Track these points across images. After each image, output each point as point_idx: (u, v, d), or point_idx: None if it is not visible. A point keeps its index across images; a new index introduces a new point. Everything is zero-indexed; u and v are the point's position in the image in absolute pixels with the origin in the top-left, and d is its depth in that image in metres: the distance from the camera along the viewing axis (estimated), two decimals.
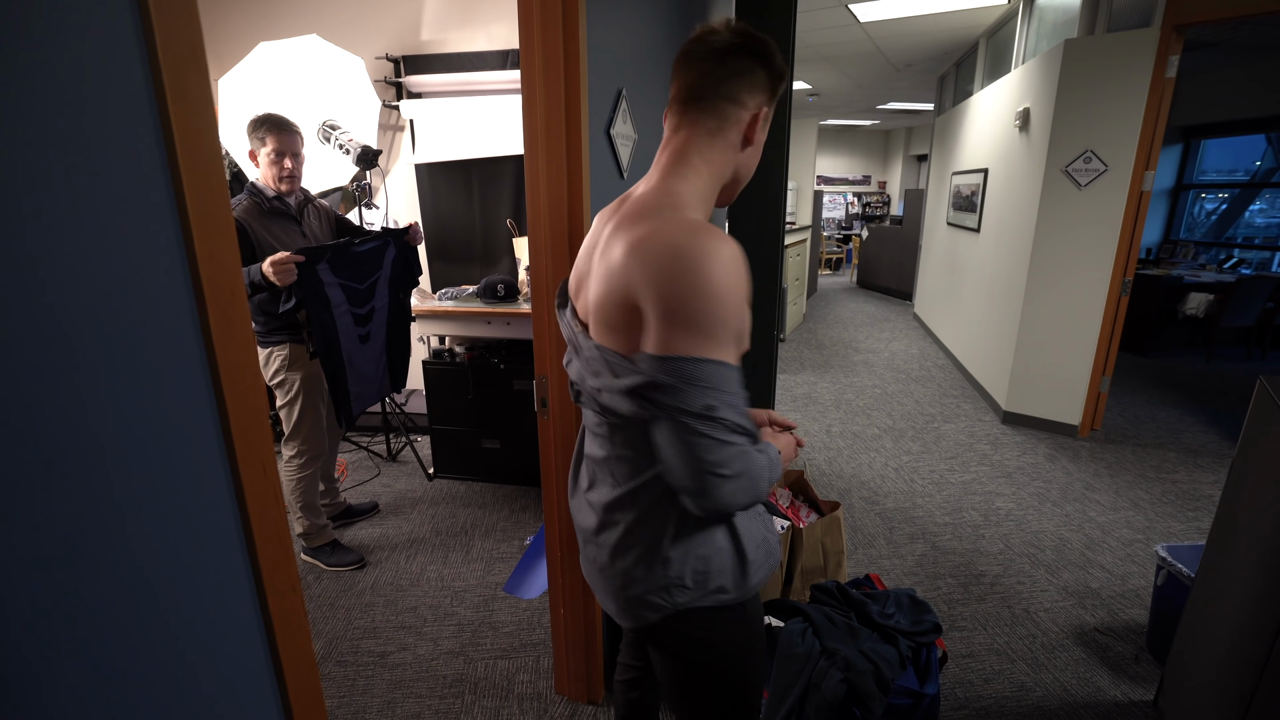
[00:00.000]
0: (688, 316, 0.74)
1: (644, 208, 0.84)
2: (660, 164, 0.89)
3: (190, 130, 0.56)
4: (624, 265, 0.78)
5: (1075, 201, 3.46)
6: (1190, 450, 3.58)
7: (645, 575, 0.91)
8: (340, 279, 2.18)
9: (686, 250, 0.74)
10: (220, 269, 0.59)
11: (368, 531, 2.72)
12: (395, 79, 3.29)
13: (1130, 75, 3.21)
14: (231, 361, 0.60)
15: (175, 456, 0.57)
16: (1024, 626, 2.16)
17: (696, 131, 0.87)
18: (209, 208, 0.58)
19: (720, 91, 0.85)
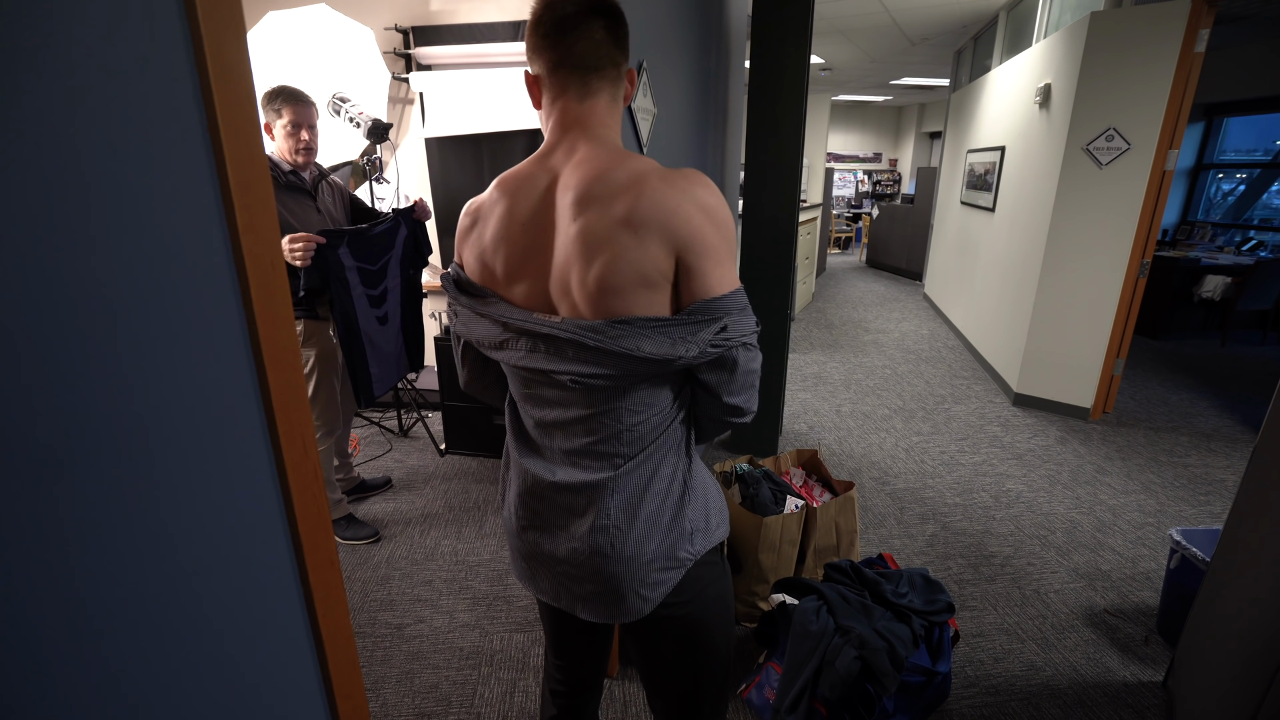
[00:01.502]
0: (726, 250, 0.81)
1: (615, 171, 0.81)
2: (575, 133, 0.87)
3: (231, 101, 0.54)
4: (649, 229, 0.78)
5: (1095, 180, 3.40)
6: (1203, 434, 3.57)
7: (673, 537, 0.91)
8: (357, 261, 2.18)
9: (700, 194, 0.80)
10: (260, 240, 0.58)
11: (381, 506, 2.74)
12: (404, 50, 3.24)
13: (1157, 49, 3.13)
14: (273, 337, 0.59)
15: (219, 432, 0.57)
16: (1034, 607, 2.18)
17: (592, 98, 0.87)
18: (249, 178, 0.57)
19: (592, 57, 0.85)
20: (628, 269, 0.78)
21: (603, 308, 0.81)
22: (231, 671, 0.59)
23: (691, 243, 0.79)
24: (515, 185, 0.88)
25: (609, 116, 0.89)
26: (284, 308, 0.61)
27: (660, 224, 0.77)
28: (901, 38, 6.36)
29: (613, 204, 0.78)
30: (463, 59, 3.20)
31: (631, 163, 0.82)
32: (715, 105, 2.64)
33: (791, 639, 1.69)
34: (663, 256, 0.79)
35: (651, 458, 0.90)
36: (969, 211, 5.39)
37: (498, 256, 0.88)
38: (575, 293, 0.82)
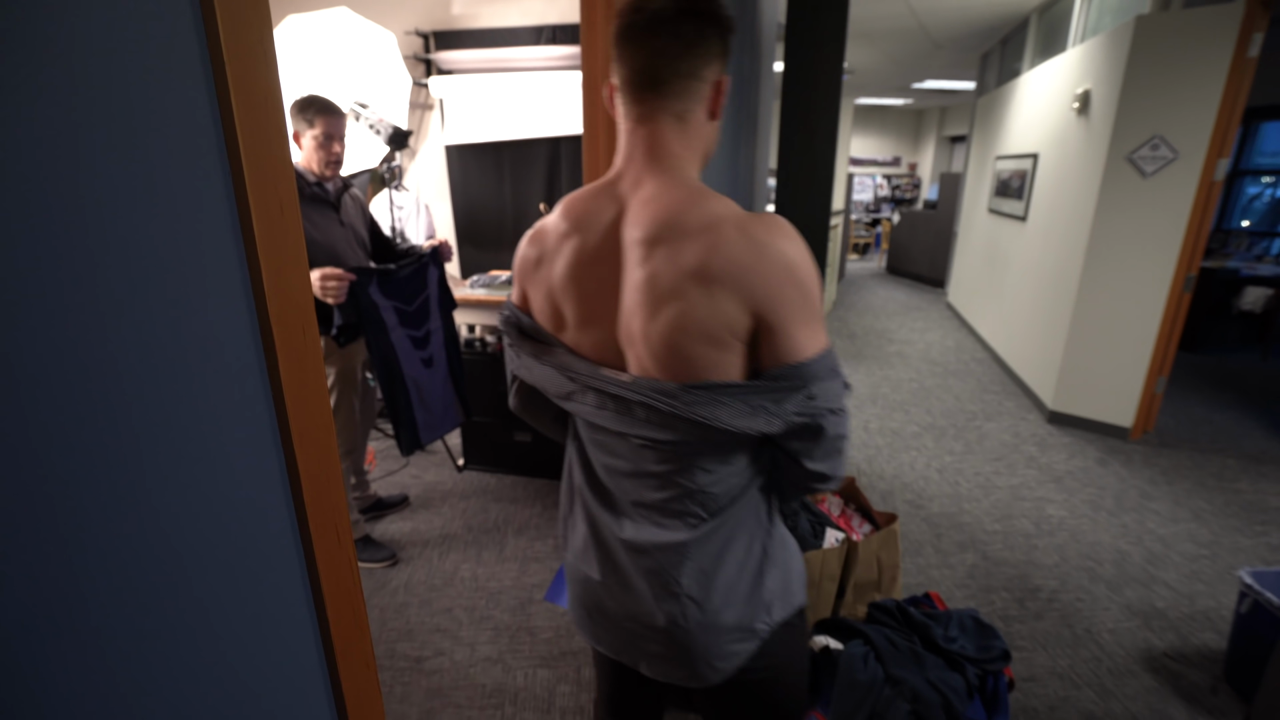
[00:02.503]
0: (812, 308, 0.73)
1: (688, 213, 0.72)
2: (642, 160, 0.78)
3: (255, 115, 0.45)
4: (722, 283, 0.69)
5: (1139, 191, 3.26)
6: (1251, 457, 3.41)
7: (751, 609, 0.83)
8: (391, 300, 2.09)
9: (782, 246, 0.71)
10: (287, 282, 0.48)
11: (399, 526, 2.66)
12: (425, 55, 3.16)
13: (1208, 54, 2.99)
14: (292, 350, 0.49)
15: (229, 455, 0.47)
16: (1087, 648, 2.05)
17: (664, 119, 0.77)
18: (273, 205, 0.47)
19: (679, 69, 0.75)
20: (695, 326, 0.70)
21: (669, 364, 0.73)
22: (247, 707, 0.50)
23: (772, 302, 0.70)
24: (582, 215, 0.79)
25: (680, 139, 0.77)
26: (316, 368, 0.51)
27: (735, 279, 0.69)
28: (926, 40, 6.22)
29: (683, 251, 0.70)
30: (484, 64, 3.12)
31: (706, 204, 0.73)
32: (746, 110, 2.54)
33: (838, 688, 1.58)
34: (737, 315, 0.70)
35: (729, 522, 0.81)
36: (998, 219, 5.24)
37: (568, 298, 0.80)
38: (640, 344, 0.75)
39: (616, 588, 0.86)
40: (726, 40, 0.77)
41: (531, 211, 3.31)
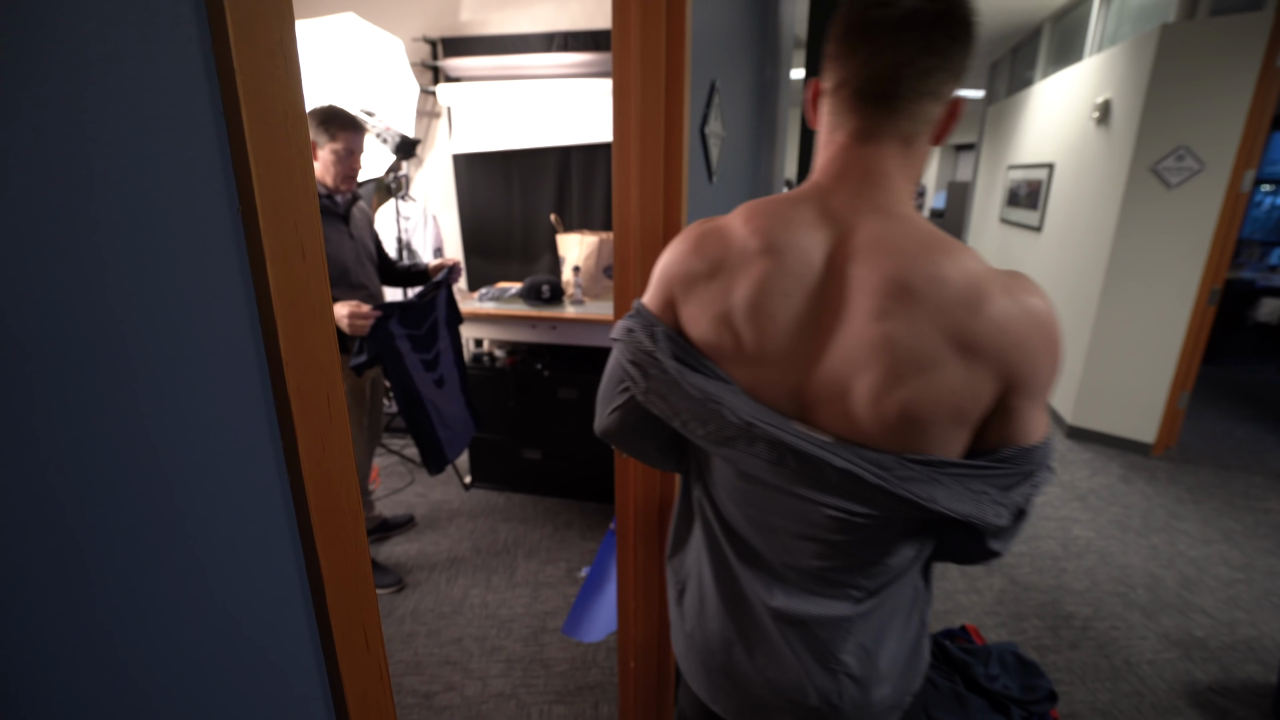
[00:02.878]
0: (1051, 386, 0.64)
1: (941, 266, 0.60)
2: (857, 187, 0.66)
3: (270, 128, 0.36)
4: (986, 357, 0.60)
5: (1163, 202, 3.19)
6: (1278, 475, 3.32)
7: (906, 682, 0.76)
8: (406, 329, 2.07)
9: (1046, 316, 0.61)
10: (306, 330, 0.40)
11: (404, 548, 2.56)
12: (432, 62, 3.09)
13: (1234, 64, 2.92)
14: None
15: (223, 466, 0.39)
16: (1127, 681, 1.96)
17: (889, 141, 0.65)
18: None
19: (922, 87, 0.62)
20: (947, 400, 0.60)
21: (896, 435, 0.62)
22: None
23: (1029, 377, 0.61)
24: (779, 235, 0.66)
25: (902, 166, 0.66)
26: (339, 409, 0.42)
27: (1000, 352, 0.59)
28: None
29: (940, 313, 0.59)
30: (493, 71, 3.05)
31: (958, 257, 0.61)
32: (766, 120, 2.46)
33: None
34: (989, 392, 0.61)
35: (894, 596, 0.73)
36: (1011, 230, 5.17)
37: (750, 327, 0.66)
38: (857, 408, 0.63)
39: (758, 654, 0.77)
40: (973, 53, 0.65)
41: (541, 223, 3.23)
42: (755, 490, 0.72)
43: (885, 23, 0.60)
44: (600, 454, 2.75)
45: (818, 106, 0.70)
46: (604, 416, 0.82)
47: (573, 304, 2.80)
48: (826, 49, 0.67)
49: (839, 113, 0.66)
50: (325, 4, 2.99)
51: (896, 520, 0.67)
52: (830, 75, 0.67)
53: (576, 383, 2.73)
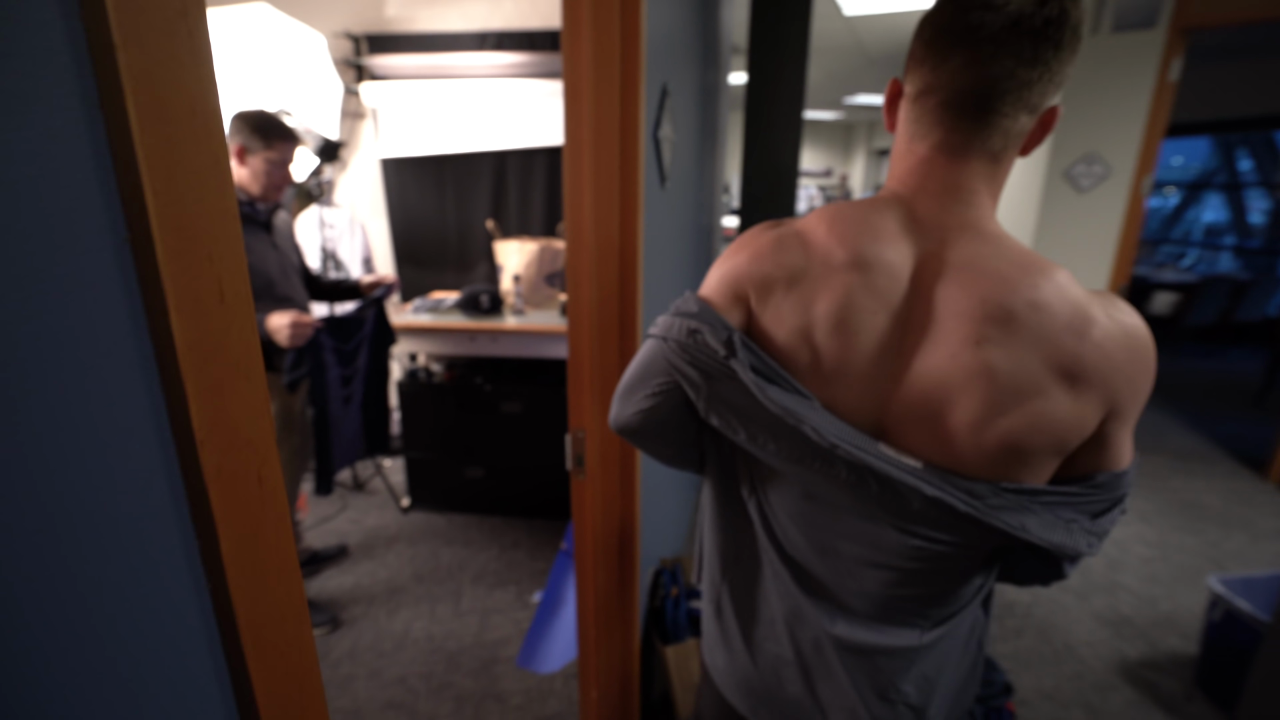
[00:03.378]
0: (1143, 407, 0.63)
1: (1042, 290, 0.57)
2: (943, 202, 0.62)
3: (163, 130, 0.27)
4: (1093, 385, 0.57)
5: (1076, 205, 3.39)
6: (1179, 455, 3.60)
7: (960, 704, 0.76)
8: (335, 342, 1.99)
9: (1145, 338, 0.60)
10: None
11: (338, 581, 2.38)
12: (356, 60, 2.90)
13: (1134, 77, 3.14)
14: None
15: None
16: (1068, 664, 2.04)
17: (978, 157, 0.60)
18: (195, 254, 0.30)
19: (1021, 101, 0.57)
20: (1052, 432, 0.57)
21: (993, 467, 0.59)
22: None
23: (1128, 406, 0.59)
24: (865, 248, 0.61)
25: (989, 182, 0.61)
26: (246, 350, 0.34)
27: (1105, 379, 0.57)
28: (861, 56, 6.39)
29: (1045, 341, 0.56)
30: (422, 70, 2.90)
31: (1054, 278, 0.57)
32: (709, 124, 2.44)
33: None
34: (1094, 421, 0.59)
35: (959, 623, 0.71)
36: None
37: (832, 344, 0.61)
38: (953, 435, 0.59)
39: (812, 679, 0.74)
40: (1077, 56, 0.59)
41: (477, 229, 3.10)
42: (823, 513, 0.68)
43: (986, 28, 0.54)
44: (548, 468, 2.66)
45: (895, 109, 0.65)
46: (626, 412, 0.75)
47: (514, 314, 2.69)
48: (912, 47, 0.62)
49: (922, 122, 0.62)
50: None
51: (976, 549, 0.65)
52: (915, 79, 0.61)
53: (520, 395, 2.62)
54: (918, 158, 0.63)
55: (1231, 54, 5.48)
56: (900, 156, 0.65)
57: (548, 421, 2.62)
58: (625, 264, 1.21)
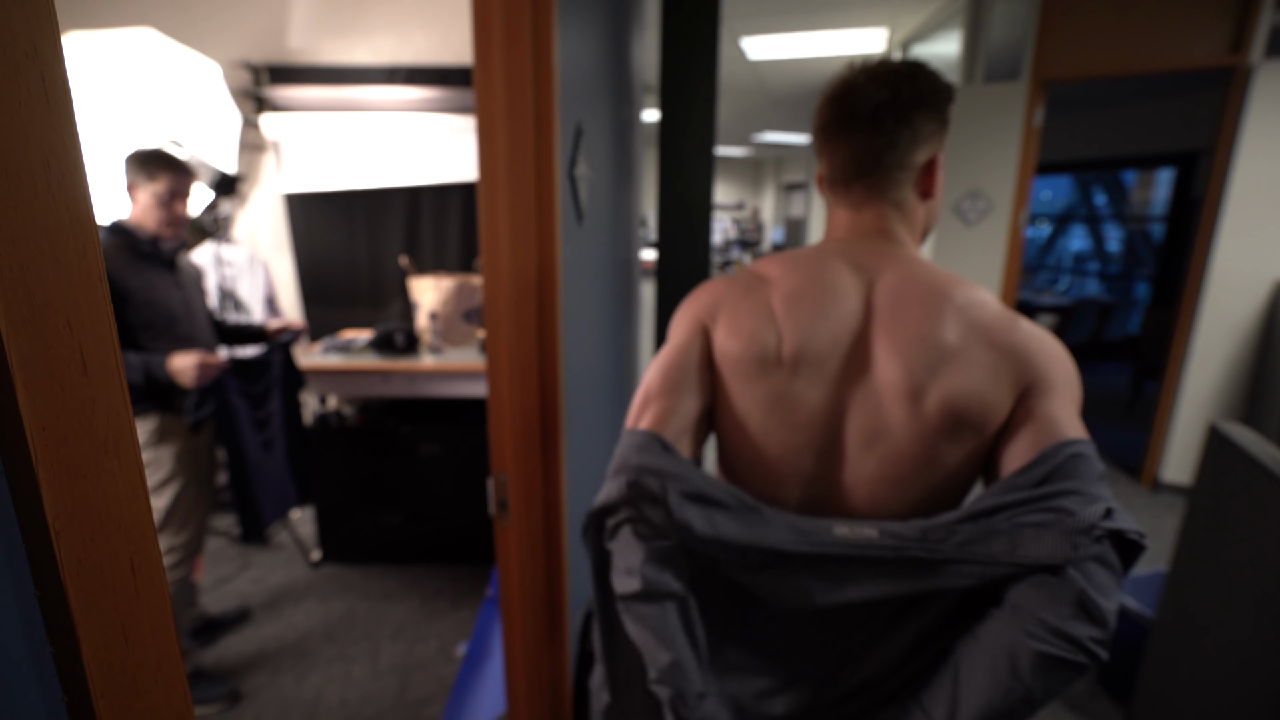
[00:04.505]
0: (1071, 390, 0.72)
1: (954, 291, 0.71)
2: (878, 243, 0.76)
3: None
4: (1014, 352, 0.68)
5: (965, 237, 3.69)
6: None
7: None
8: (240, 383, 1.90)
9: (1056, 341, 0.72)
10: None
11: (239, 647, 2.17)
12: (256, 90, 2.77)
13: (1006, 122, 3.48)
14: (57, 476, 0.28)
15: None
16: None
17: (885, 207, 0.77)
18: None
19: (903, 161, 0.74)
20: (976, 395, 0.67)
21: (925, 441, 0.68)
22: None
23: (1048, 382, 0.68)
24: (821, 272, 0.75)
25: (902, 223, 0.77)
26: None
27: (1027, 361, 0.68)
28: (765, 97, 6.75)
29: (980, 325, 0.69)
30: (329, 103, 2.80)
31: (980, 289, 0.73)
32: (624, 160, 2.49)
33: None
34: (1009, 397, 0.69)
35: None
36: None
37: (792, 324, 0.73)
38: (897, 410, 0.69)
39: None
40: (946, 113, 0.75)
41: (390, 266, 2.99)
42: (768, 614, 0.73)
43: (843, 121, 0.74)
44: (471, 510, 2.56)
45: (822, 186, 0.82)
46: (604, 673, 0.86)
47: (430, 353, 2.60)
48: (815, 141, 0.79)
49: (835, 191, 0.79)
50: (115, 16, 2.58)
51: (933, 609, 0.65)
52: (821, 165, 0.80)
53: (439, 436, 2.52)
54: (844, 216, 0.79)
55: (1085, 104, 6.21)
56: (832, 215, 0.82)
57: (469, 462, 2.53)
58: (544, 300, 1.20)
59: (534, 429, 1.26)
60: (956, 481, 0.71)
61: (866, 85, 0.72)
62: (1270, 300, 3.11)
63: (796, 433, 0.73)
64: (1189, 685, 1.55)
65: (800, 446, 0.73)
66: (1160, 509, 3.32)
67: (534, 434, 1.26)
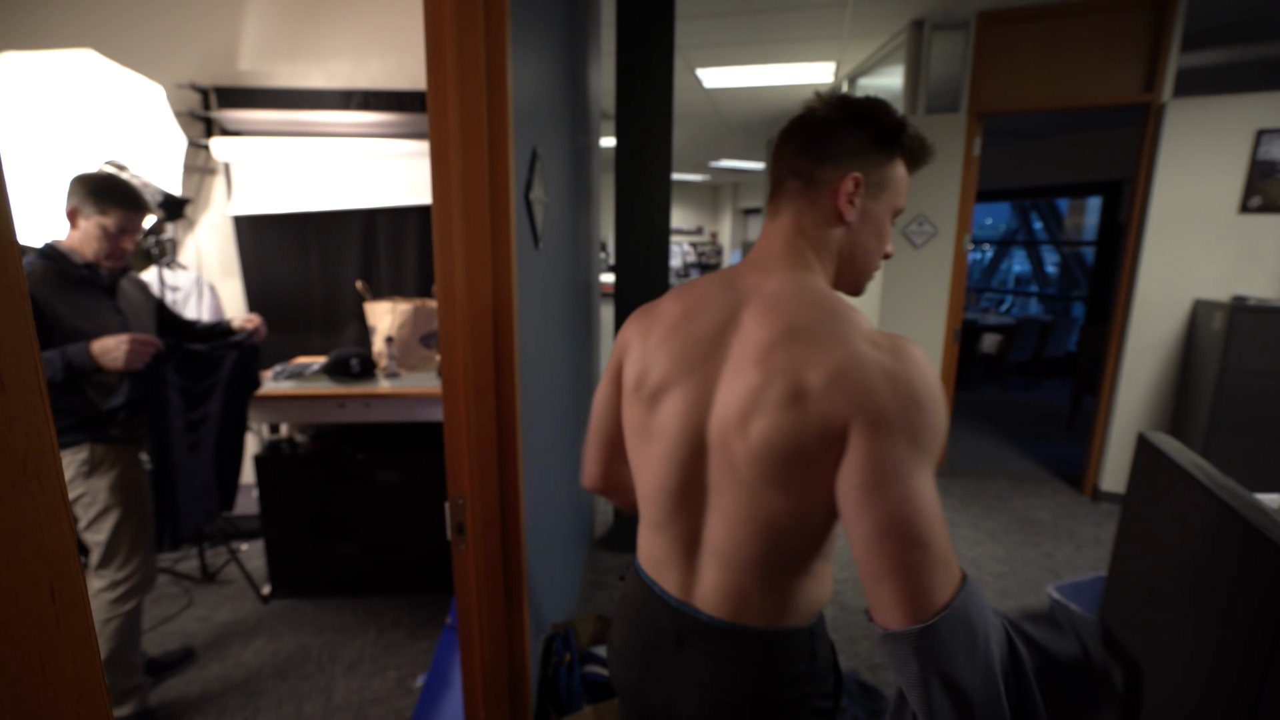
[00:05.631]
0: (907, 434, 0.71)
1: (805, 316, 0.71)
2: (766, 261, 0.78)
3: None
4: (831, 387, 0.67)
5: (914, 260, 3.83)
6: (1014, 477, 4.05)
7: None
8: (181, 379, 1.82)
9: (906, 373, 0.68)
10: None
11: (182, 690, 2.05)
12: (204, 113, 2.72)
13: (948, 151, 3.65)
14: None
15: None
16: None
17: (784, 219, 0.79)
18: None
19: (799, 176, 0.77)
20: (795, 434, 0.70)
21: (758, 470, 0.71)
22: None
23: (877, 423, 0.69)
24: (695, 304, 0.82)
25: (799, 241, 0.78)
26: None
27: (848, 389, 0.69)
28: (722, 125, 6.94)
29: (804, 354, 0.70)
30: (281, 126, 2.77)
31: (832, 311, 0.72)
32: (582, 185, 2.52)
33: None
34: (821, 425, 0.71)
35: None
36: None
37: (665, 352, 0.81)
38: (735, 439, 0.72)
39: None
40: (871, 137, 0.75)
41: (346, 290, 2.95)
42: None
43: (784, 134, 0.79)
44: (429, 536, 2.50)
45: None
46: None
47: (387, 377, 2.56)
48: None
49: (769, 204, 0.83)
50: (54, 37, 2.51)
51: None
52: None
53: (396, 463, 2.47)
54: (767, 227, 0.82)
55: (1022, 136, 6.57)
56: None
57: (427, 490, 2.48)
58: (500, 323, 1.20)
59: (491, 451, 1.25)
60: (795, 519, 0.70)
61: (811, 108, 0.77)
62: (1189, 317, 3.31)
63: (661, 462, 0.78)
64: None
65: (665, 475, 0.78)
66: (1101, 517, 3.46)
67: (491, 456, 1.25)
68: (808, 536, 0.72)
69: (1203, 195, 3.19)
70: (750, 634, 0.75)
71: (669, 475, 0.78)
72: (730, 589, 0.75)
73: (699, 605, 0.78)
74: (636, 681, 0.86)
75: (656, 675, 0.83)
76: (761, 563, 0.73)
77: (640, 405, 0.81)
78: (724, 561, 0.75)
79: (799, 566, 0.74)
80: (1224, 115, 3.11)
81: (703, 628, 0.77)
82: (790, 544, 0.72)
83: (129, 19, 2.60)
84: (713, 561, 0.77)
